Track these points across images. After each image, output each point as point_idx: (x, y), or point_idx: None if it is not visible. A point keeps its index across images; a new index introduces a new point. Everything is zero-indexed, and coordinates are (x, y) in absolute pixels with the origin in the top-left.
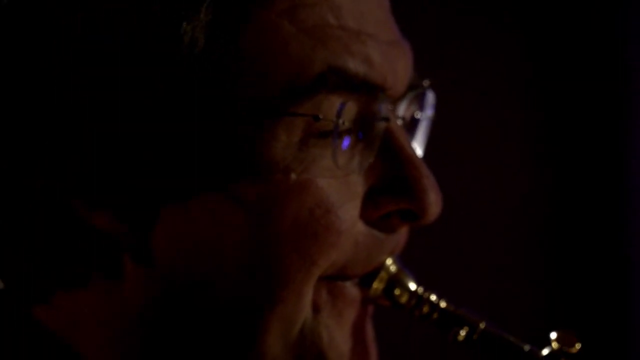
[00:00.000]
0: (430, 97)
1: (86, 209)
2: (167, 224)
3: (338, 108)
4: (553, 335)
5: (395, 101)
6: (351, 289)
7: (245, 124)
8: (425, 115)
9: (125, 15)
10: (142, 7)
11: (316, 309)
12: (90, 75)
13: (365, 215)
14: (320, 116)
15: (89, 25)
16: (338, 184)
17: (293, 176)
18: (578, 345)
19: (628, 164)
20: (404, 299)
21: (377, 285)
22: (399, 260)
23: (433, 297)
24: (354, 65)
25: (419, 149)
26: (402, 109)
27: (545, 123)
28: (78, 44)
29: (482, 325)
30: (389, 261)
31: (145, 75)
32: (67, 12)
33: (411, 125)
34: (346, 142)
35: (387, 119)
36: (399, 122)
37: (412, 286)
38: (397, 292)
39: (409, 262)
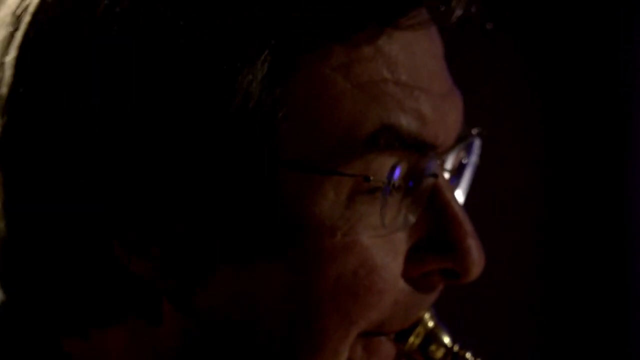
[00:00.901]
0: (477, 145)
1: (125, 253)
2: (214, 281)
3: (390, 170)
4: None
5: (444, 154)
6: (386, 345)
7: (293, 182)
8: (472, 162)
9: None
10: (198, 56)
11: None
12: (141, 122)
13: (407, 272)
14: (371, 177)
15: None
16: (382, 242)
17: (339, 236)
18: None
19: (629, 163)
20: (439, 355)
21: (413, 340)
22: (436, 314)
23: (468, 355)
24: (407, 123)
25: (462, 197)
26: (450, 162)
27: (546, 122)
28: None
29: None
30: (427, 316)
31: (196, 130)
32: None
33: (457, 172)
34: (393, 200)
35: (435, 176)
36: (446, 175)
37: (448, 342)
38: (433, 347)
39: None
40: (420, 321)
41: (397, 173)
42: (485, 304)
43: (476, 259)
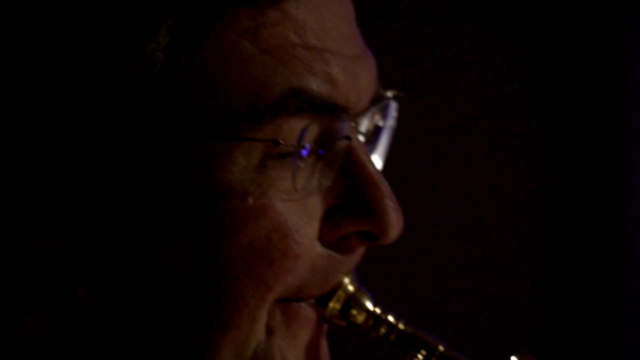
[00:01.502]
0: (393, 108)
1: (36, 232)
2: (127, 256)
3: (300, 133)
4: (513, 358)
5: (357, 117)
6: (306, 310)
7: (202, 148)
8: (388, 125)
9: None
10: (97, 27)
11: (270, 331)
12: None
13: (324, 236)
14: (281, 141)
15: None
16: (296, 206)
17: (250, 201)
18: None
19: (627, 165)
20: (360, 319)
21: (333, 304)
22: (357, 277)
23: (391, 318)
24: (317, 87)
25: (380, 161)
26: (365, 124)
27: (543, 123)
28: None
29: (440, 348)
30: (346, 280)
31: (98, 98)
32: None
33: (373, 135)
34: (306, 163)
35: (348, 138)
36: (361, 138)
37: (370, 306)
38: (354, 312)
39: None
40: (340, 286)
41: (307, 136)
42: (482, 304)
43: (393, 220)
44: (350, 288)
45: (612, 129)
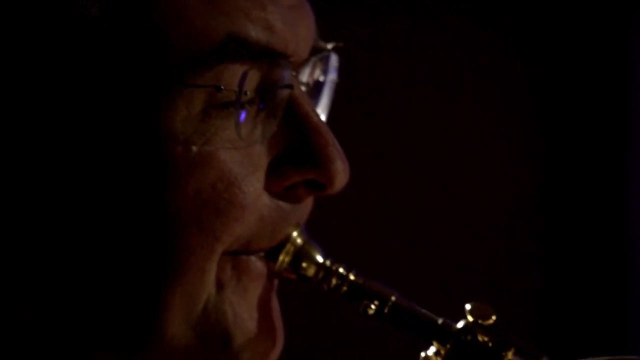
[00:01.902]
0: (334, 60)
1: None
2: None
3: (240, 78)
4: (467, 307)
5: (298, 67)
6: (256, 264)
7: (142, 97)
8: (330, 79)
9: None
10: None
11: (220, 285)
12: None
13: (270, 187)
14: (222, 87)
15: None
16: (241, 155)
17: (194, 149)
18: (493, 318)
19: (628, 165)
20: (311, 272)
21: (283, 257)
22: (306, 231)
23: (341, 270)
24: (255, 33)
25: (323, 116)
26: (306, 75)
27: (544, 122)
28: None
29: (393, 298)
30: (295, 233)
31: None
32: None
33: (316, 90)
34: (249, 112)
35: (290, 86)
36: (303, 88)
37: (320, 258)
38: (304, 264)
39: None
40: (289, 239)
41: (248, 84)
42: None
43: (339, 168)
44: (299, 241)
45: (613, 130)
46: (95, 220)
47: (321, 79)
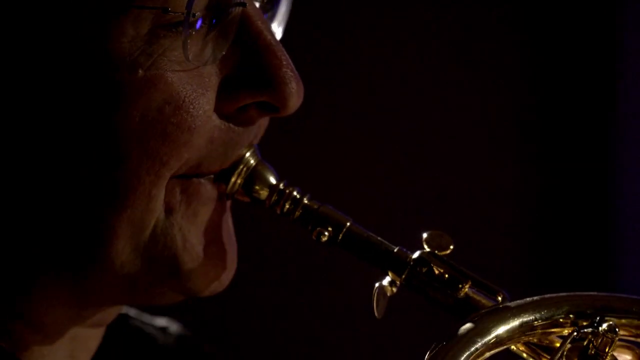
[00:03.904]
0: None
1: None
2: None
3: (187, 1)
4: (425, 235)
5: None
6: (207, 187)
7: (91, 20)
8: None
9: None
10: None
11: (169, 210)
12: None
13: (221, 108)
14: (169, 8)
15: None
16: (190, 76)
17: (140, 72)
18: (451, 247)
19: (616, 165)
20: (264, 195)
21: (235, 179)
22: (259, 152)
23: (295, 193)
24: None
25: (279, 30)
26: None
27: (534, 122)
28: None
29: (348, 224)
30: (248, 153)
31: None
32: None
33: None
34: (198, 31)
35: (242, 4)
36: (257, 4)
37: (273, 180)
38: (257, 187)
39: None
40: (241, 160)
41: (198, 3)
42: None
43: (293, 89)
44: (252, 161)
45: (602, 126)
46: (48, 144)
47: None
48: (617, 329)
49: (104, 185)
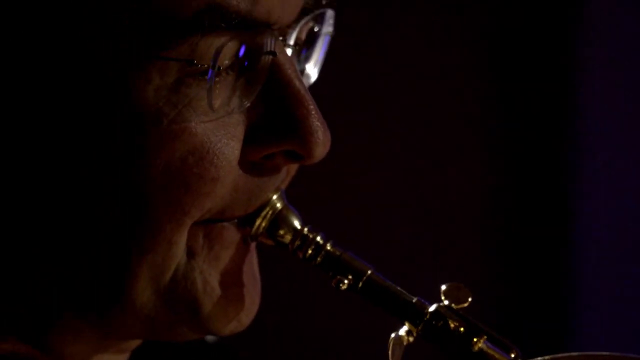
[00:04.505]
0: (330, 14)
1: None
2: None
3: (215, 52)
4: (443, 287)
5: (285, 30)
6: (230, 231)
7: (117, 70)
8: (324, 32)
9: None
10: None
11: (191, 253)
12: None
13: (246, 156)
14: (195, 61)
15: None
16: (215, 126)
17: (165, 122)
18: (469, 300)
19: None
20: (287, 238)
21: (260, 222)
22: (286, 196)
23: (319, 238)
24: (235, 1)
25: (315, 70)
26: (294, 36)
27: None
28: None
29: (369, 272)
30: (274, 197)
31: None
32: None
33: (310, 43)
34: (226, 80)
35: (272, 53)
36: (289, 50)
37: (297, 225)
38: (281, 231)
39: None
40: (267, 203)
41: (226, 54)
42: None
43: (319, 139)
44: (278, 205)
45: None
46: (72, 189)
47: (316, 29)
48: None
49: (126, 232)
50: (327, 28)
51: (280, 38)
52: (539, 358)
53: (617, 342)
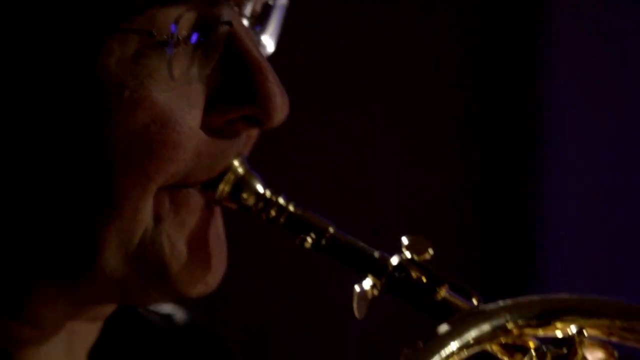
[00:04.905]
0: None
1: None
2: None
3: (172, 24)
4: (404, 240)
5: (241, 1)
6: (195, 196)
7: (77, 43)
8: (280, 3)
9: None
10: None
11: (158, 219)
12: None
13: (208, 123)
14: (154, 32)
15: None
16: (176, 95)
17: (127, 92)
18: (430, 252)
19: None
20: (250, 202)
21: (223, 187)
22: (248, 162)
23: (281, 201)
24: None
25: (271, 42)
26: (250, 8)
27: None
28: None
29: (330, 230)
30: (236, 162)
31: None
32: None
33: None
34: (184, 51)
35: (229, 23)
36: (245, 22)
37: (260, 188)
38: (244, 194)
39: None
40: (230, 168)
41: (183, 24)
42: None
43: (278, 103)
44: (240, 170)
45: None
46: (40, 157)
47: (270, 2)
48: (584, 329)
49: (93, 198)
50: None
51: (236, 9)
52: (500, 302)
53: (581, 288)
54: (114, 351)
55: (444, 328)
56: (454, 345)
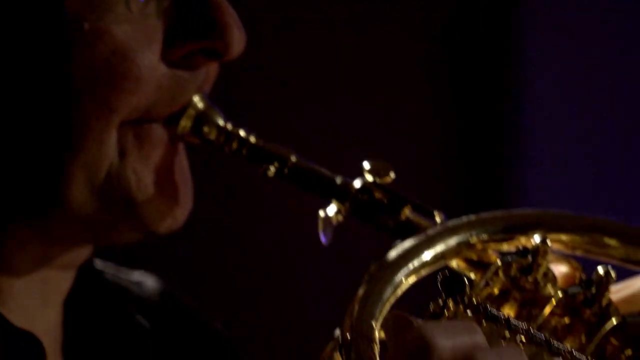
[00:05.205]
0: None
1: None
2: None
3: None
4: (366, 165)
5: None
6: (158, 130)
7: None
8: None
9: None
10: None
11: (123, 153)
12: None
13: (167, 56)
14: None
15: None
16: (135, 29)
17: (86, 26)
18: (392, 175)
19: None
20: (212, 136)
21: (184, 123)
22: (207, 97)
23: (242, 133)
24: None
25: None
26: None
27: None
28: None
29: (292, 159)
30: (196, 98)
31: None
32: None
33: None
34: None
35: None
36: None
37: (221, 122)
38: (206, 129)
39: None
40: (190, 104)
41: None
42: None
43: (235, 35)
44: (200, 105)
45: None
46: (5, 94)
47: None
48: (547, 241)
49: (57, 132)
50: None
51: None
52: (464, 218)
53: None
54: (88, 302)
55: (406, 245)
56: (415, 261)
